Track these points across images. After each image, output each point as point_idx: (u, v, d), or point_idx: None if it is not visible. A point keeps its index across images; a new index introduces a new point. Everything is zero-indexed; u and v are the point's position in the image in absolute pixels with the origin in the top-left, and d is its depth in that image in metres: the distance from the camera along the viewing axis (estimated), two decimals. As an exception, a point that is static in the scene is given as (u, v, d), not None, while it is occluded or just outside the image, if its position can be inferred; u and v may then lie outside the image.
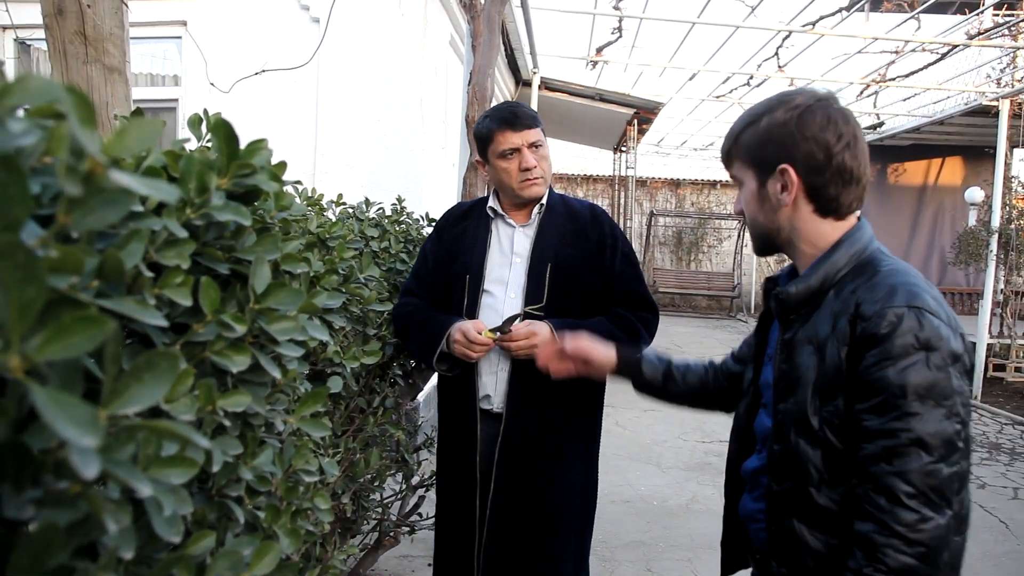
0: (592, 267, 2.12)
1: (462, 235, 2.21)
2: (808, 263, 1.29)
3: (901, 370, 1.09)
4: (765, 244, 1.36)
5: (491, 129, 2.10)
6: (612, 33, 8.61)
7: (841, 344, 1.17)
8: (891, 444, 1.09)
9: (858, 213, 1.31)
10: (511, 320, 1.97)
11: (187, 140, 0.92)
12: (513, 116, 2.08)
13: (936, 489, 1.07)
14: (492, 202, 2.20)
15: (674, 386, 1.67)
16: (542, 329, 1.96)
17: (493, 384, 2.07)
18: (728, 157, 1.36)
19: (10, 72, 0.51)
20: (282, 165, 0.93)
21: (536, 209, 2.16)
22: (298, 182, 1.26)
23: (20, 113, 0.49)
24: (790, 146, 1.23)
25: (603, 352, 1.72)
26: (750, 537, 1.43)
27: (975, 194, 10.07)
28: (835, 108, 1.24)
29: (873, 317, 1.13)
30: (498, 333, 1.96)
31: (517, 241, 2.14)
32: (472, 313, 2.09)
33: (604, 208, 2.60)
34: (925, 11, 7.88)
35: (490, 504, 2.06)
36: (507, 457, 2.05)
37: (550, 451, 2.07)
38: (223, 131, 0.71)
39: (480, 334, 1.96)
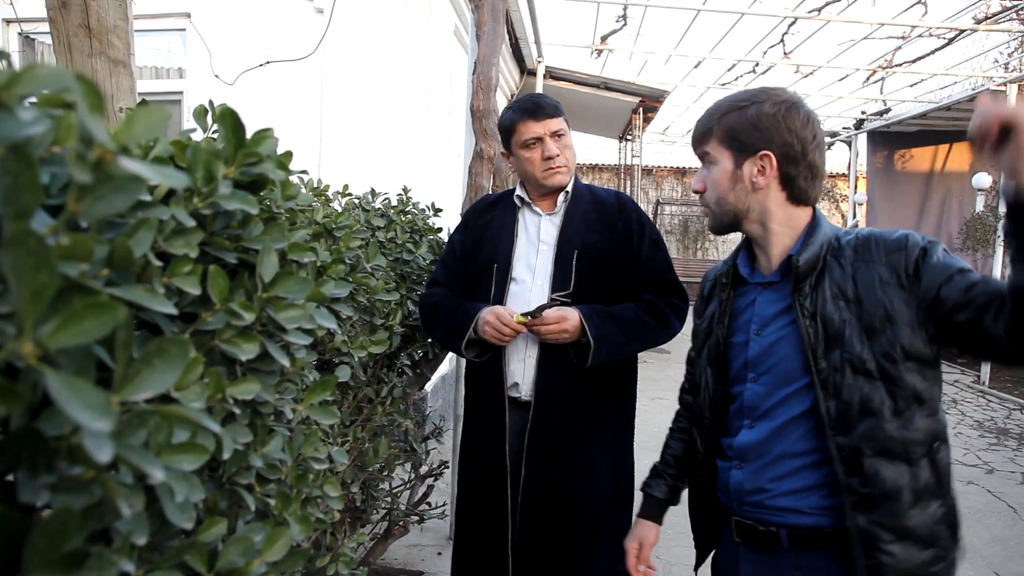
0: (619, 254, 2.12)
1: (488, 224, 2.22)
2: (779, 241, 1.43)
3: (953, 259, 1.28)
4: (728, 223, 1.47)
5: (514, 120, 2.13)
6: (617, 21, 8.56)
7: (888, 285, 1.30)
8: (986, 280, 1.24)
9: None
10: (542, 308, 1.97)
11: (193, 130, 0.93)
12: (535, 106, 2.11)
13: None
14: (519, 191, 2.22)
15: (684, 477, 1.72)
16: (572, 314, 1.96)
17: (521, 372, 2.06)
18: (705, 135, 1.46)
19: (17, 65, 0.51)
20: (288, 154, 0.93)
21: (562, 197, 2.17)
22: (304, 171, 1.26)
23: (29, 103, 0.49)
24: (774, 135, 1.37)
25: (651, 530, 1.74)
26: (736, 512, 1.47)
27: (982, 180, 9.98)
28: (812, 111, 1.41)
29: (908, 247, 1.30)
30: (529, 318, 1.97)
31: (544, 229, 2.15)
32: (500, 301, 2.09)
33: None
34: (932, -5, 7.82)
35: (521, 493, 2.05)
36: (536, 446, 2.03)
37: (578, 439, 2.06)
38: (230, 120, 0.71)
39: (512, 318, 1.97)
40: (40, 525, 0.42)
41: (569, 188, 2.17)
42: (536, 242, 2.14)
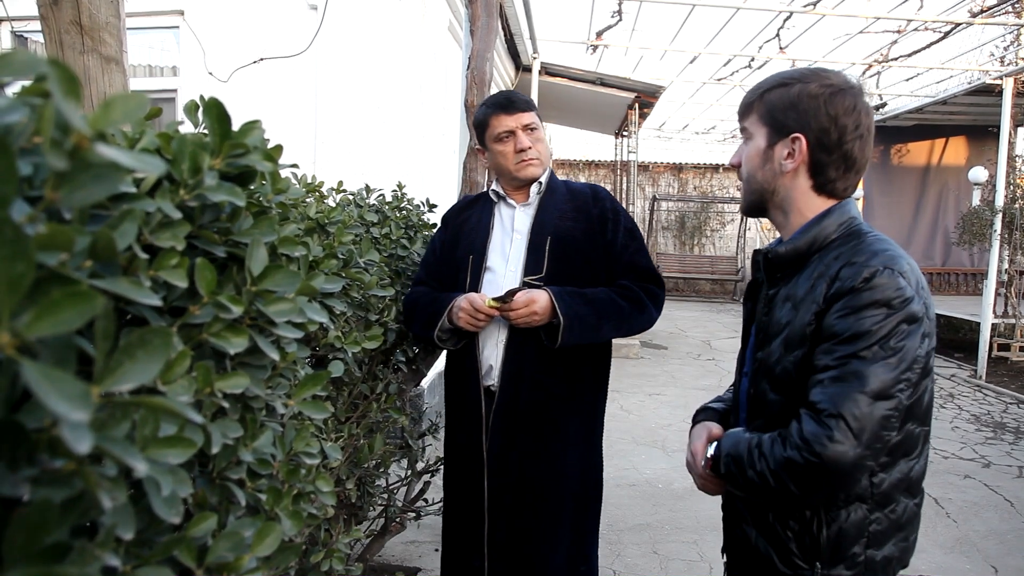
0: (593, 241, 2.14)
1: (467, 221, 2.27)
2: (789, 231, 1.38)
3: (858, 319, 1.17)
4: (756, 203, 1.42)
5: (487, 115, 2.17)
6: (612, 17, 8.57)
7: (813, 302, 1.25)
8: (833, 375, 1.17)
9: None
10: (513, 292, 1.98)
11: (181, 123, 0.92)
12: (507, 101, 2.15)
13: (857, 419, 1.13)
14: (495, 186, 2.26)
15: None
16: (541, 296, 1.97)
17: (495, 356, 2.09)
18: (747, 108, 1.39)
19: None
20: (278, 148, 0.92)
21: (535, 189, 2.19)
22: (295, 166, 1.26)
23: (9, 92, 0.48)
24: (811, 118, 1.29)
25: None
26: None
27: (979, 174, 10.01)
28: (862, 99, 1.31)
29: (849, 276, 1.21)
30: (500, 302, 1.98)
31: (518, 219, 2.18)
32: (475, 290, 2.11)
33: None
34: (927, -11, 7.82)
35: (486, 477, 2.08)
36: (500, 428, 2.06)
37: (544, 424, 2.07)
38: (215, 111, 0.71)
39: (483, 303, 1.99)
40: (19, 518, 0.42)
41: (543, 180, 2.20)
42: (510, 232, 2.17)
